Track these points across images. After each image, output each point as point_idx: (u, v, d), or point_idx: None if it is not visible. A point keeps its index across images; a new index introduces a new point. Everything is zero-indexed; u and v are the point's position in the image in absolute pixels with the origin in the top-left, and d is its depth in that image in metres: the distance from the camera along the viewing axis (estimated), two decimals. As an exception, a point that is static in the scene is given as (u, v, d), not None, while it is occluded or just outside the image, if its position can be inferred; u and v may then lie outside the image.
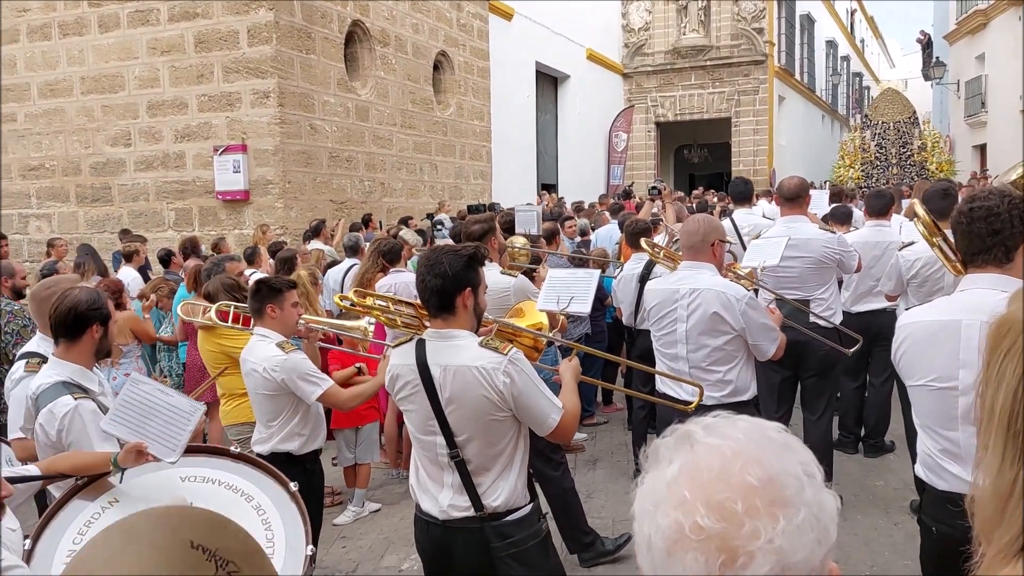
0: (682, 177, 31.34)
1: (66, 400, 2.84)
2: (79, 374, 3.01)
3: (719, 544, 0.85)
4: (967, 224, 2.51)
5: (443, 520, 2.75)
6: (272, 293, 3.81)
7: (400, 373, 2.77)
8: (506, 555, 2.71)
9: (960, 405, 2.47)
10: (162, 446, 2.59)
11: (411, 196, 15.02)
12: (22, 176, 13.50)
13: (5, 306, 5.38)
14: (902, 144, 23.85)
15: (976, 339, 2.43)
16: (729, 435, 0.93)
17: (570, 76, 22.66)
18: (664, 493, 0.91)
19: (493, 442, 2.69)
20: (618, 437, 7.08)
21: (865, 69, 43.95)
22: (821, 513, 0.89)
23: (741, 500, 0.86)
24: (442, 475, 2.76)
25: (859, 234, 6.24)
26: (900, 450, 6.13)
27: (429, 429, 2.73)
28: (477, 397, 2.61)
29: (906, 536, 4.69)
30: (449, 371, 2.63)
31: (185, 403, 2.71)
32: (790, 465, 0.91)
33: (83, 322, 2.99)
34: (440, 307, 2.69)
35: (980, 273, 2.51)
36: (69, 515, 2.41)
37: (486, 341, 2.68)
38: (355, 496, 5.60)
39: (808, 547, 0.87)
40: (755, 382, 3.98)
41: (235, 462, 2.73)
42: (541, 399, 2.68)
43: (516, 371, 2.61)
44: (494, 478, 2.71)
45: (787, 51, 28.53)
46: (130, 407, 2.65)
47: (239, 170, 11.76)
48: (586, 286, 3.84)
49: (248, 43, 11.67)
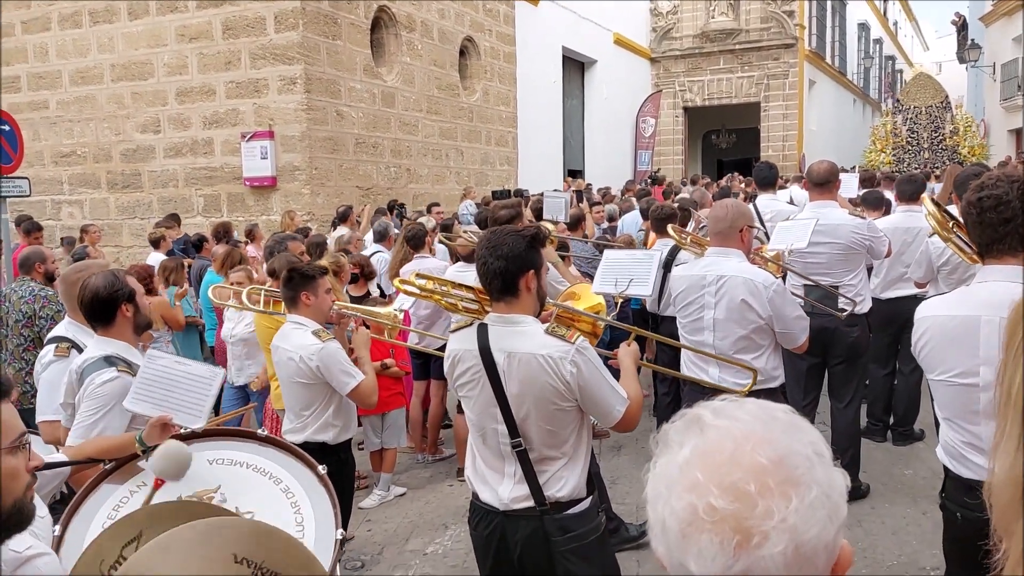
0: (710, 162, 31.03)
1: (110, 371, 2.89)
2: (124, 350, 3.05)
3: (733, 525, 0.86)
4: (977, 215, 2.43)
5: (503, 511, 2.67)
6: (305, 280, 3.77)
7: (461, 358, 2.70)
8: (566, 549, 2.64)
9: (982, 401, 2.42)
10: (187, 414, 2.63)
11: (437, 182, 15.03)
12: (54, 163, 13.70)
13: (40, 292, 5.47)
14: (934, 129, 23.47)
15: (996, 336, 2.38)
16: (738, 417, 0.94)
17: (597, 61, 22.49)
18: (677, 476, 0.92)
19: (556, 432, 2.62)
20: (643, 423, 7.01)
21: (898, 52, 43.15)
22: (831, 491, 0.90)
23: (754, 480, 0.87)
24: (503, 465, 2.68)
25: (889, 219, 6.15)
26: (929, 438, 6.05)
27: (490, 416, 2.65)
28: (542, 386, 2.54)
29: (934, 525, 4.62)
30: (514, 358, 2.56)
31: (204, 369, 2.74)
32: (799, 445, 0.91)
33: (110, 305, 3.03)
34: (503, 290, 2.61)
35: (997, 264, 2.44)
36: (98, 500, 2.42)
37: (552, 328, 2.60)
38: (381, 480, 5.64)
39: (820, 524, 0.88)
40: (782, 369, 3.94)
41: (263, 445, 2.72)
42: (607, 389, 2.61)
43: (583, 360, 2.54)
44: (556, 469, 2.64)
45: (818, 34, 28.07)
46: (150, 383, 2.68)
47: (266, 156, 11.84)
48: (647, 268, 3.71)
49: (275, 29, 11.71)
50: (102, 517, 2.40)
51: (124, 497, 2.42)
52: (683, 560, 0.90)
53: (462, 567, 4.60)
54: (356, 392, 3.73)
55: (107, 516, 2.40)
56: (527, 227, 2.74)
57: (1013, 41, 24.81)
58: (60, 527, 2.29)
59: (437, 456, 6.35)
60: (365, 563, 4.72)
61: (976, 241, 2.52)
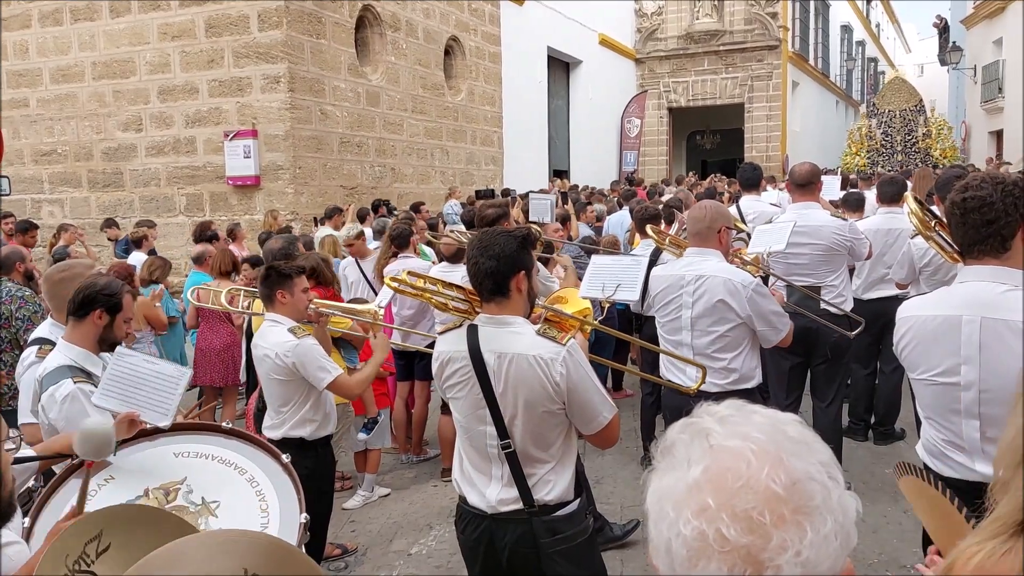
0: (694, 163, 31.16)
1: (67, 384, 2.89)
2: (83, 357, 3.03)
3: (745, 556, 0.84)
4: (961, 215, 2.43)
5: (491, 514, 2.66)
6: (281, 279, 3.82)
7: (451, 359, 2.68)
8: (554, 551, 2.62)
9: (963, 399, 2.45)
10: (154, 412, 2.65)
11: (422, 182, 15.01)
12: (34, 161, 13.57)
13: (17, 292, 5.40)
14: (907, 132, 23.81)
15: (977, 335, 2.40)
16: (748, 435, 0.90)
17: (582, 61, 22.54)
18: (685, 497, 0.88)
19: (545, 434, 2.60)
20: (627, 423, 7.06)
21: (880, 54, 43.50)
22: (845, 519, 0.88)
23: (768, 511, 0.84)
24: (490, 467, 2.67)
25: (871, 221, 6.19)
26: (910, 438, 6.10)
27: (479, 418, 2.64)
28: (533, 387, 2.53)
29: (915, 524, 4.67)
30: (504, 359, 2.55)
31: (172, 369, 2.76)
32: (813, 469, 0.89)
33: (89, 303, 3.02)
34: (493, 291, 2.60)
35: (978, 265, 2.45)
36: (67, 493, 2.43)
37: (544, 329, 2.59)
38: (365, 481, 5.63)
39: (833, 556, 0.86)
40: (760, 369, 3.96)
41: (228, 438, 2.76)
42: (595, 395, 2.58)
43: (573, 363, 2.52)
44: (545, 472, 2.62)
45: (801, 36, 28.26)
46: (118, 379, 2.70)
47: (250, 155, 11.78)
48: (633, 273, 3.75)
49: (259, 28, 11.66)
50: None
51: (92, 490, 2.43)
52: None
53: (446, 567, 4.59)
54: (335, 386, 3.77)
55: None
56: (518, 228, 2.74)
57: (994, 44, 25.07)
58: (30, 519, 2.30)
59: (421, 456, 6.34)
60: (349, 564, 4.71)
61: (958, 241, 2.52)
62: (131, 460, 2.61)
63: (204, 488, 2.52)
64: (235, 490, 2.58)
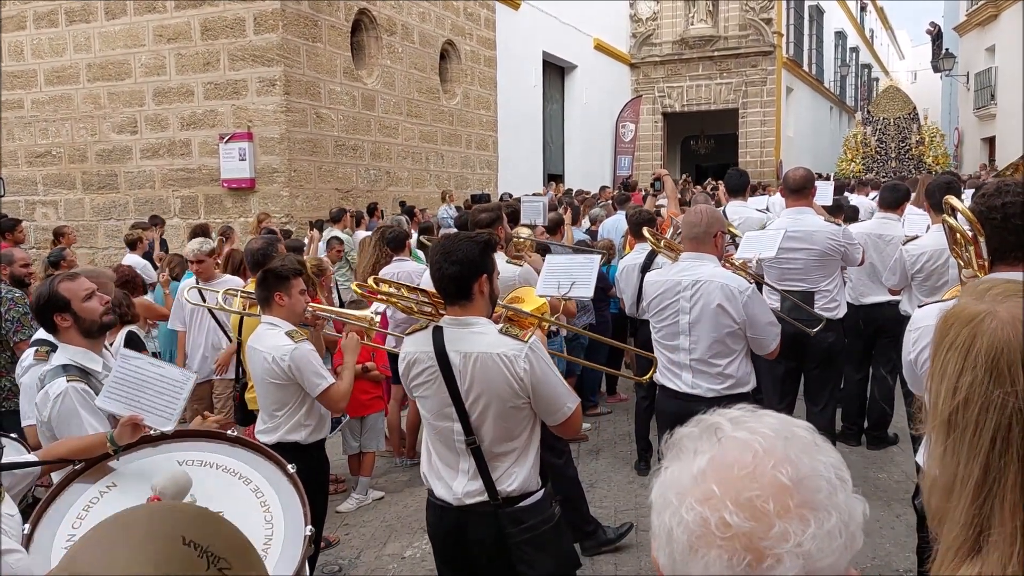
0: (689, 168, 31.21)
1: (60, 382, 2.88)
2: (81, 355, 3.03)
3: (745, 543, 0.83)
4: (1002, 220, 2.40)
5: (457, 506, 2.77)
6: (279, 281, 3.78)
7: (417, 359, 2.78)
8: (520, 540, 2.73)
9: None
10: (157, 416, 2.63)
11: (417, 185, 15.01)
12: (28, 163, 13.53)
13: (6, 293, 5.37)
14: (901, 139, 24.06)
15: None
16: (758, 431, 0.91)
17: (577, 66, 22.57)
18: (689, 485, 0.88)
19: (510, 428, 2.71)
20: (621, 427, 7.09)
21: (874, 60, 43.68)
22: (850, 520, 0.87)
23: (772, 499, 0.84)
24: (457, 461, 2.77)
25: (865, 226, 6.22)
26: (903, 442, 6.13)
27: (445, 415, 2.74)
28: (499, 384, 2.64)
29: (908, 528, 4.69)
30: (469, 358, 2.65)
31: (177, 373, 2.74)
32: (821, 467, 0.88)
33: (42, 315, 3.05)
34: (457, 294, 2.71)
35: (1009, 271, 2.39)
36: (68, 499, 2.41)
37: (506, 328, 2.72)
38: (359, 484, 5.62)
39: (835, 554, 0.85)
40: (754, 374, 3.98)
41: (232, 446, 2.73)
42: (558, 387, 2.71)
43: (536, 358, 2.63)
44: (509, 464, 2.73)
45: (795, 42, 28.37)
46: (123, 382, 2.68)
47: (245, 158, 11.77)
48: (587, 271, 3.85)
49: (254, 31, 11.65)
50: (72, 517, 2.38)
51: (94, 497, 2.41)
52: (687, 573, 0.86)
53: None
54: (326, 395, 3.73)
55: (77, 516, 2.38)
56: (479, 233, 2.88)
57: (987, 51, 25.21)
58: (30, 526, 2.28)
59: (415, 460, 6.33)
60: (343, 567, 4.71)
61: (994, 246, 2.48)
62: (135, 467, 2.59)
63: (207, 498, 2.48)
64: (239, 500, 2.55)
